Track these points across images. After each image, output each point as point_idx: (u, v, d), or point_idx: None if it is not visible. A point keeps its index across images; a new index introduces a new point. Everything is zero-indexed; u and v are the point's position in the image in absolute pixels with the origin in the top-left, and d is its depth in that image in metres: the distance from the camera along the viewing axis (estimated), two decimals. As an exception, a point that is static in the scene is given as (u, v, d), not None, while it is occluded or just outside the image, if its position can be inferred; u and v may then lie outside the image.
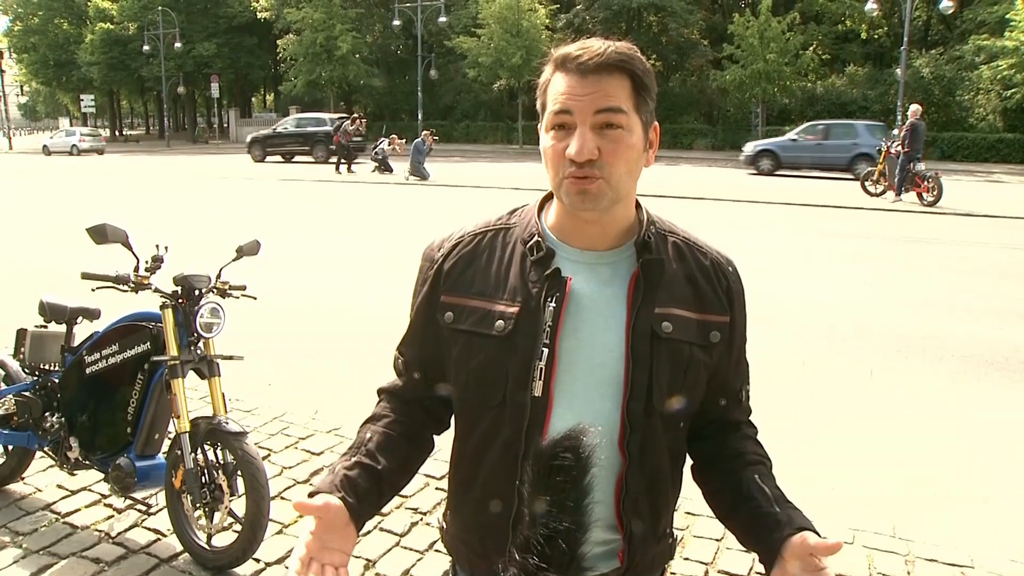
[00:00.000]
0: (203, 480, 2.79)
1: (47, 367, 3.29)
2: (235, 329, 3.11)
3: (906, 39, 24.37)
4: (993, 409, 4.58)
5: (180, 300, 2.82)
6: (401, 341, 1.30)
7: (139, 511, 3.19)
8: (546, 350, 1.11)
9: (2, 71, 45.31)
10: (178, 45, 44.08)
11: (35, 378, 3.28)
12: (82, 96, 48.67)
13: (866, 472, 3.70)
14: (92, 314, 3.26)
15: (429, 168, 20.58)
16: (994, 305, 7.06)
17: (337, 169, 22.66)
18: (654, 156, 1.18)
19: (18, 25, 54.06)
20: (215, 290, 2.93)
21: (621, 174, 1.09)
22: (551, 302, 1.12)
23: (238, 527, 2.78)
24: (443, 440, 1.32)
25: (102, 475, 3.10)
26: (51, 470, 3.47)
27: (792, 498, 1.16)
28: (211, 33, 47.30)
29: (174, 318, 2.79)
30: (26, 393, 3.20)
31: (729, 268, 1.22)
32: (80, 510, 3.24)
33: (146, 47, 44.77)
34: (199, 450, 2.80)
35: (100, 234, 2.77)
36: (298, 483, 3.51)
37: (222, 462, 2.80)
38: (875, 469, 3.73)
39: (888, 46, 35.67)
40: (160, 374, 2.84)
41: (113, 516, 3.19)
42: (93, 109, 51.12)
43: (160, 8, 43.80)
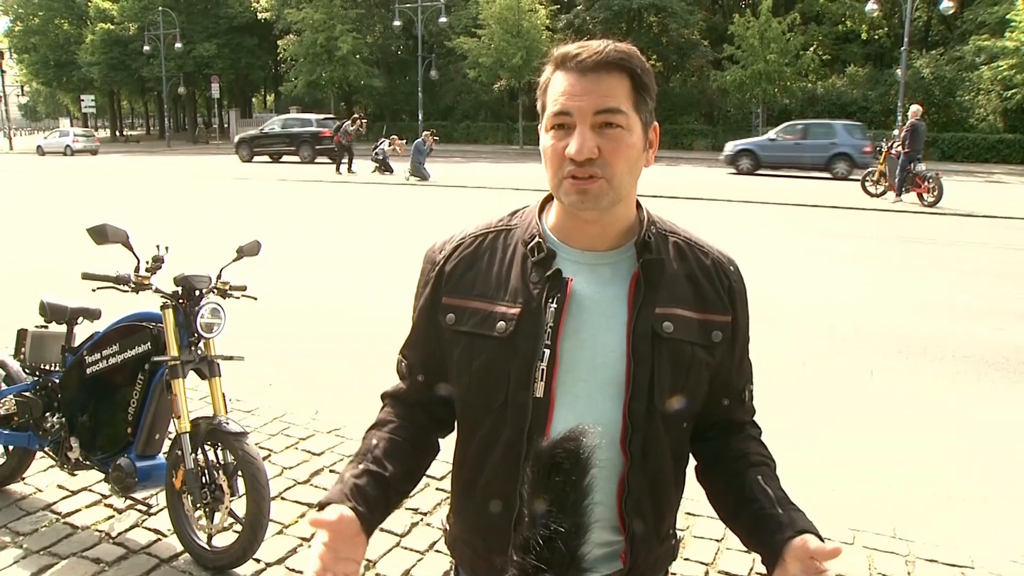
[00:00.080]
0: (203, 480, 2.79)
1: (48, 367, 3.29)
2: (235, 329, 3.12)
3: (906, 39, 24.38)
4: (993, 409, 4.58)
5: (181, 300, 2.82)
6: (404, 344, 1.30)
7: (139, 511, 3.19)
8: (547, 351, 1.11)
9: (3, 71, 45.33)
10: (178, 45, 44.12)
11: (36, 378, 3.28)
12: (82, 96, 48.64)
13: (866, 472, 3.70)
14: (93, 314, 3.26)
15: (429, 168, 20.58)
16: (994, 305, 7.06)
17: (338, 169, 22.66)
18: (654, 156, 1.18)
19: (19, 25, 54.09)
20: (216, 290, 2.93)
21: (621, 173, 1.09)
22: (552, 303, 1.12)
23: (238, 527, 2.78)
24: (445, 441, 1.33)
25: (102, 475, 3.10)
26: (52, 470, 3.47)
27: (792, 498, 1.16)
28: (211, 33, 47.33)
29: (175, 318, 2.80)
30: (27, 393, 3.21)
31: (731, 268, 1.22)
32: (80, 510, 3.24)
33: (147, 47, 44.81)
34: (199, 450, 2.80)
35: (100, 234, 2.77)
36: (298, 483, 3.51)
37: (222, 462, 2.80)
38: (875, 469, 3.73)
39: (888, 47, 35.67)
40: (161, 374, 2.84)
41: (113, 516, 3.19)
42: (93, 109, 51.06)
43: (160, 8, 43.83)
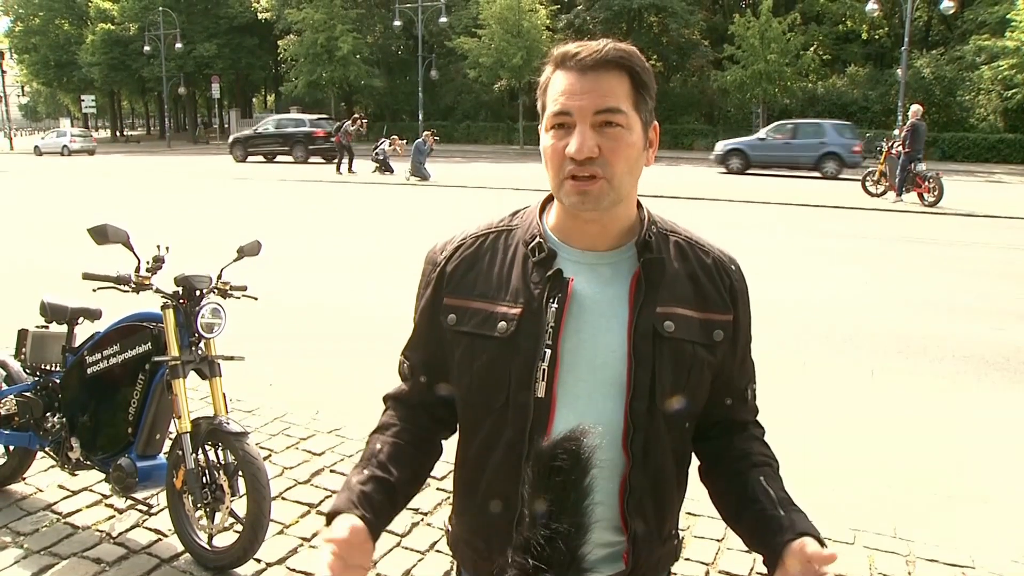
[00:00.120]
0: (204, 480, 2.80)
1: (48, 367, 3.29)
2: (236, 330, 3.12)
3: (907, 39, 24.37)
4: (994, 409, 4.58)
5: (181, 300, 2.82)
6: (406, 345, 1.30)
7: (140, 511, 3.19)
8: (548, 351, 1.11)
9: (3, 72, 45.34)
10: (179, 46, 44.13)
11: (36, 378, 3.28)
12: (83, 97, 48.65)
13: (867, 472, 3.70)
14: (93, 314, 3.26)
15: (430, 168, 20.59)
16: (995, 305, 7.06)
17: (338, 169, 22.66)
18: (654, 155, 1.18)
19: (19, 26, 54.12)
20: (216, 290, 2.93)
21: (622, 173, 1.09)
22: (553, 303, 1.12)
23: (239, 527, 2.78)
24: (447, 442, 1.33)
25: (103, 475, 3.10)
26: (52, 470, 3.47)
27: (794, 498, 1.16)
28: (212, 34, 47.35)
29: (175, 318, 2.80)
30: (27, 393, 3.21)
31: (732, 266, 1.22)
32: (81, 510, 3.24)
33: (147, 48, 44.81)
34: (200, 450, 2.80)
35: (101, 234, 2.77)
36: (299, 483, 3.51)
37: (223, 462, 2.80)
38: (876, 469, 3.73)
39: (889, 46, 35.67)
40: (161, 374, 2.84)
41: (114, 516, 3.19)
42: (94, 110, 51.09)
43: (161, 9, 43.84)
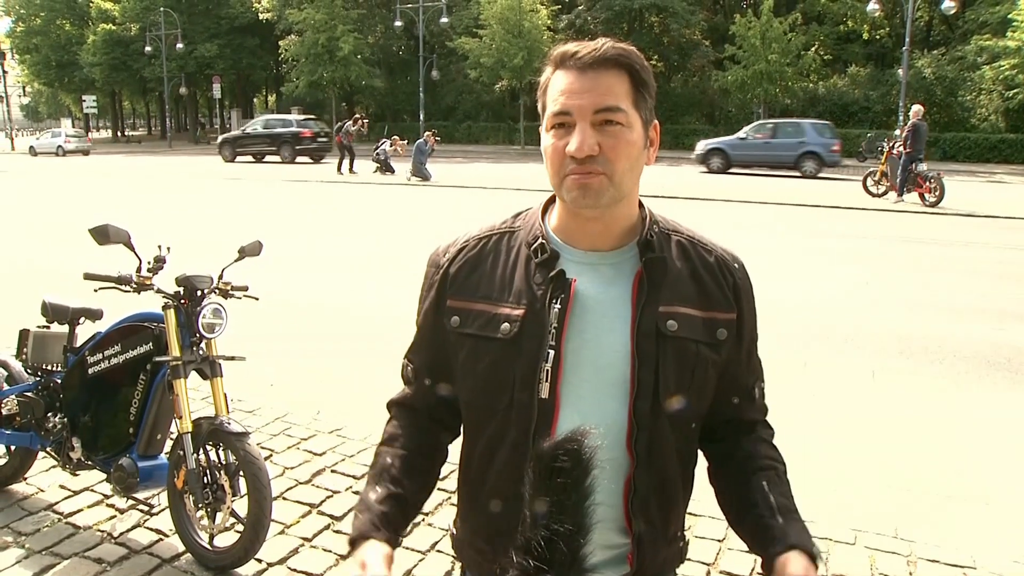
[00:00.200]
0: (205, 480, 2.80)
1: (49, 367, 3.30)
2: (237, 330, 3.12)
3: (908, 39, 24.37)
4: (995, 410, 4.58)
5: (182, 301, 2.83)
6: (409, 348, 1.30)
7: (141, 511, 3.19)
8: (552, 352, 1.11)
9: (4, 72, 45.37)
10: (180, 46, 44.14)
11: (37, 378, 3.29)
12: (84, 97, 48.62)
13: (868, 473, 3.70)
14: (94, 315, 3.26)
15: (431, 169, 20.60)
16: (996, 306, 7.05)
17: (339, 169, 22.68)
18: (655, 155, 1.18)
19: (20, 26, 54.12)
20: (217, 291, 2.93)
21: (623, 170, 1.09)
22: (556, 304, 1.12)
23: (240, 527, 2.78)
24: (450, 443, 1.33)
25: (104, 475, 3.10)
26: (53, 470, 3.48)
27: (796, 499, 1.16)
28: (213, 34, 47.36)
29: (176, 319, 2.80)
30: (28, 393, 3.21)
31: (735, 265, 1.22)
32: (82, 510, 3.24)
33: (148, 48, 44.84)
34: (201, 450, 2.81)
35: (102, 235, 2.77)
36: (300, 483, 3.51)
37: (224, 462, 2.81)
38: (877, 470, 3.73)
39: (890, 47, 35.65)
40: (162, 374, 2.84)
41: (115, 516, 3.19)
42: (95, 110, 51.07)
43: (162, 9, 43.87)
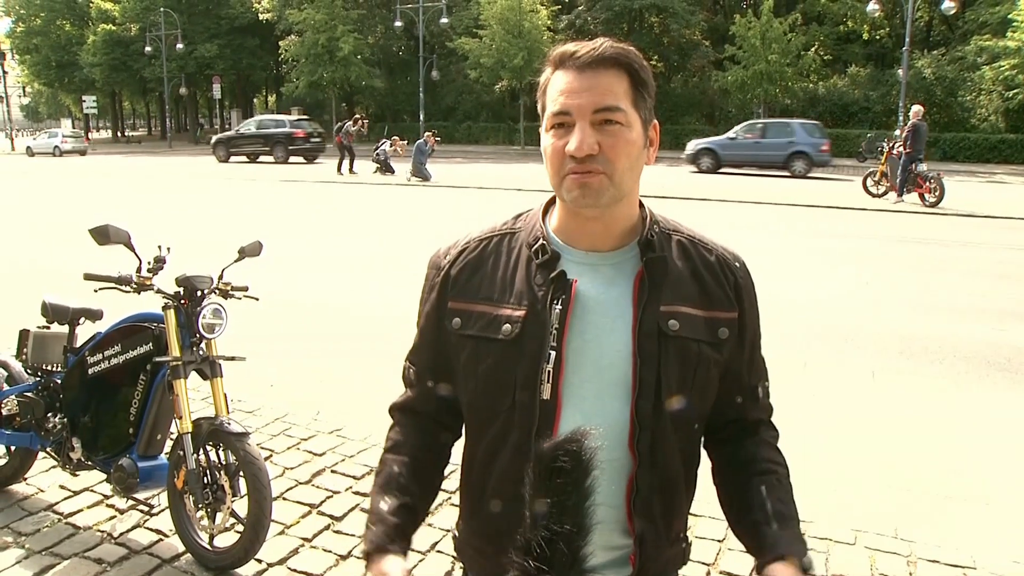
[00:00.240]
0: (205, 481, 2.80)
1: (49, 368, 3.30)
2: (237, 330, 3.12)
3: (908, 40, 24.38)
4: (995, 410, 4.58)
5: (182, 301, 2.83)
6: (410, 351, 1.30)
7: (141, 512, 3.19)
8: (553, 352, 1.11)
9: (4, 72, 45.36)
10: (180, 46, 44.11)
11: (37, 379, 3.28)
12: (84, 97, 48.59)
13: (868, 473, 3.70)
14: (94, 315, 3.26)
15: (431, 169, 20.60)
16: (996, 306, 7.06)
17: (339, 170, 22.68)
18: (655, 154, 1.18)
19: (20, 26, 54.07)
20: (217, 291, 2.93)
21: (622, 169, 1.09)
22: (557, 305, 1.12)
23: (240, 528, 2.78)
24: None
25: (104, 476, 3.10)
26: (53, 471, 3.48)
27: (795, 497, 1.16)
28: (213, 34, 47.35)
29: (176, 319, 2.80)
30: (28, 394, 3.21)
31: (736, 264, 1.22)
32: (82, 511, 3.24)
33: (148, 48, 44.81)
34: (201, 451, 2.81)
35: (103, 235, 2.77)
36: (300, 484, 3.51)
37: (224, 463, 2.81)
38: (877, 470, 3.73)
39: (890, 47, 35.64)
40: (162, 375, 2.84)
41: (115, 517, 3.19)
42: (95, 110, 51.05)
43: (162, 9, 43.86)
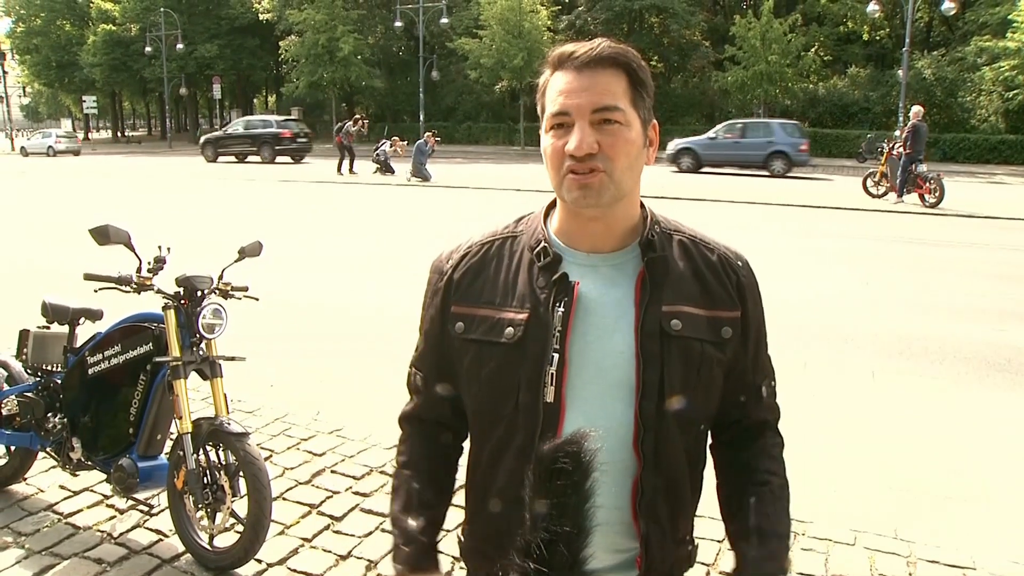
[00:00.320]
0: (205, 481, 2.80)
1: (50, 368, 3.30)
2: (237, 330, 3.12)
3: (908, 40, 24.39)
4: (995, 411, 4.58)
5: (182, 301, 2.83)
6: (415, 357, 1.30)
7: (141, 512, 3.19)
8: (556, 355, 1.11)
9: (4, 72, 45.34)
10: (180, 47, 44.10)
11: (37, 379, 3.28)
12: (84, 97, 48.61)
13: (868, 473, 3.70)
14: (94, 315, 3.26)
15: (431, 169, 20.60)
16: (996, 306, 7.06)
17: (339, 170, 22.68)
18: (655, 154, 1.19)
19: (20, 27, 54.07)
20: (217, 291, 2.93)
21: (622, 168, 1.09)
22: (559, 307, 1.12)
23: (240, 528, 2.78)
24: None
25: (104, 476, 3.10)
26: (53, 471, 3.48)
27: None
28: (213, 34, 47.35)
29: (176, 319, 2.80)
30: (28, 394, 3.21)
31: (739, 263, 1.21)
32: (82, 511, 3.24)
33: (148, 48, 44.81)
34: (201, 451, 2.81)
35: (103, 235, 2.77)
36: (300, 484, 3.51)
37: (224, 463, 2.81)
38: (877, 470, 3.73)
39: (890, 48, 35.65)
40: (162, 375, 2.84)
41: (115, 517, 3.19)
42: (95, 110, 51.06)
43: (162, 10, 43.87)
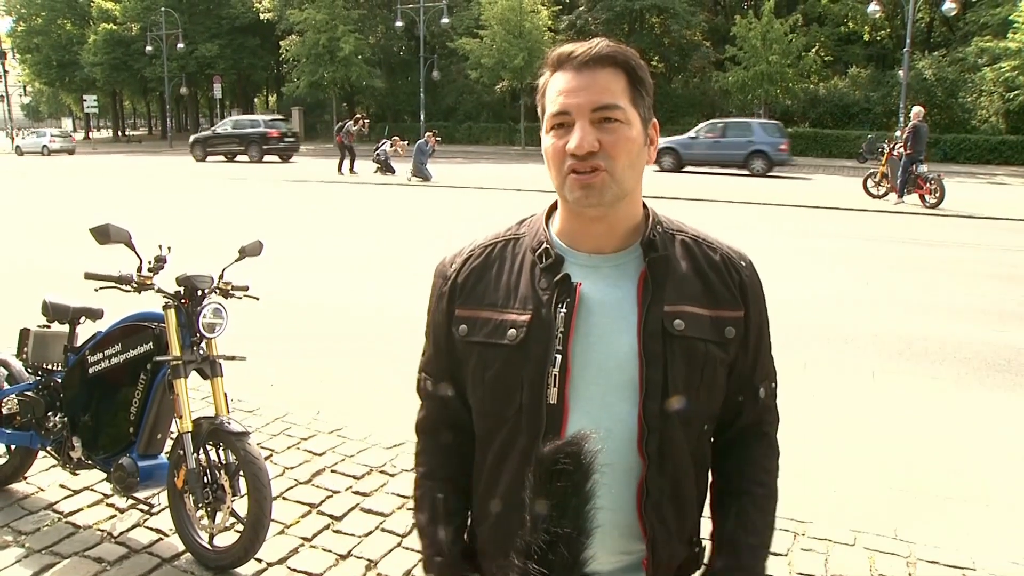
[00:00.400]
0: (205, 480, 2.80)
1: (50, 367, 3.30)
2: (237, 329, 3.12)
3: (908, 41, 24.38)
4: (995, 411, 4.58)
5: (183, 300, 2.83)
6: (424, 362, 1.30)
7: (141, 511, 3.19)
8: (559, 356, 1.11)
9: (5, 72, 45.35)
10: (181, 46, 44.15)
11: (38, 378, 3.29)
12: (85, 97, 48.54)
13: (867, 474, 3.70)
14: (95, 314, 3.27)
15: (431, 169, 20.60)
16: (996, 307, 7.06)
17: (340, 170, 22.69)
18: (655, 153, 1.19)
19: (21, 26, 54.11)
20: (218, 290, 2.93)
21: (623, 167, 1.09)
22: (562, 308, 1.12)
23: (240, 527, 2.78)
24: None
25: (104, 475, 3.10)
26: (54, 470, 3.48)
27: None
28: (214, 34, 47.38)
29: (177, 318, 2.80)
30: (29, 393, 3.21)
31: (742, 262, 1.21)
32: (82, 510, 3.25)
33: (149, 48, 44.87)
34: (201, 450, 2.81)
35: (103, 234, 2.77)
36: (300, 483, 3.51)
37: (224, 462, 2.81)
38: (876, 471, 3.73)
39: (891, 48, 35.64)
40: (163, 374, 2.84)
41: (115, 516, 3.19)
42: (96, 110, 51.01)
43: (163, 9, 43.89)
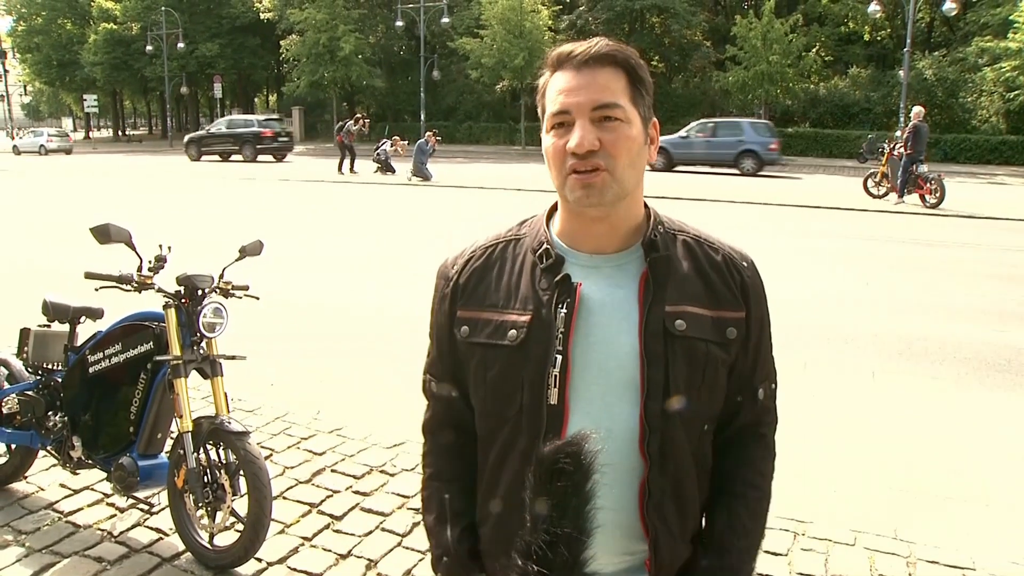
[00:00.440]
0: (205, 480, 2.80)
1: (50, 366, 3.30)
2: (237, 329, 3.13)
3: (909, 41, 24.39)
4: (995, 411, 4.58)
5: (183, 300, 2.83)
6: (428, 364, 1.30)
7: (141, 510, 3.19)
8: (559, 356, 1.11)
9: (6, 71, 45.36)
10: (181, 45, 44.15)
11: (38, 377, 3.29)
12: (85, 96, 48.57)
13: (867, 474, 3.70)
14: (95, 314, 3.27)
15: (432, 169, 20.60)
16: (996, 307, 7.06)
17: (340, 169, 22.69)
18: (656, 152, 1.19)
19: (21, 25, 54.09)
20: (218, 290, 2.94)
21: (624, 166, 1.09)
22: (562, 308, 1.12)
23: (240, 527, 2.78)
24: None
25: (104, 474, 3.11)
26: (54, 469, 3.48)
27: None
28: (214, 33, 47.38)
29: (177, 318, 2.80)
30: (29, 392, 3.21)
31: (743, 263, 1.21)
32: (82, 509, 3.25)
33: (149, 47, 44.88)
34: (201, 450, 2.81)
35: (104, 234, 2.77)
36: (300, 483, 3.52)
37: (224, 462, 2.81)
38: (877, 471, 3.73)
39: (891, 48, 35.63)
40: (163, 374, 2.84)
41: (115, 515, 3.20)
42: (96, 109, 51.05)
43: (163, 8, 43.89)
